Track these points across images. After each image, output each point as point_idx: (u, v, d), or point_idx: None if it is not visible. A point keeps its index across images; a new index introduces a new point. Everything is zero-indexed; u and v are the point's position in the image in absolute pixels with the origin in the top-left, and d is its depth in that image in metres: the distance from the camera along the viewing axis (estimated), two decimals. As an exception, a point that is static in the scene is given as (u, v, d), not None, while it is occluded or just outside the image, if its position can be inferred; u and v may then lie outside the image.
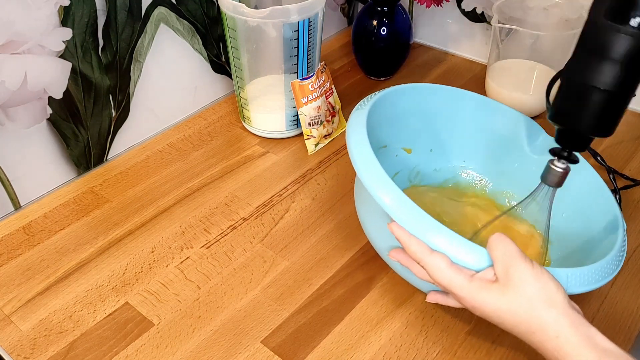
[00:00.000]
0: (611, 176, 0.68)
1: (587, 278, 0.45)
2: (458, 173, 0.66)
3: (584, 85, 0.42)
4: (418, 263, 0.45)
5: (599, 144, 0.73)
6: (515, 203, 0.54)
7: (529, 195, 0.51)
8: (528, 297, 0.41)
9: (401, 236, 0.45)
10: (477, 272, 0.44)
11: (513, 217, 0.55)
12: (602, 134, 0.44)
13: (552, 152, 0.47)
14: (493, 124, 0.62)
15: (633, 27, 0.38)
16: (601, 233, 0.52)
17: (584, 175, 0.56)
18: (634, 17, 0.38)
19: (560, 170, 0.46)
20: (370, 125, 0.52)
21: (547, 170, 0.47)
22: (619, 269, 0.48)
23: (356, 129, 0.51)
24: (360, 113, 0.53)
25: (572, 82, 0.43)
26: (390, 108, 0.59)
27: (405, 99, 0.60)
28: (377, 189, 0.46)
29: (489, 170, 0.65)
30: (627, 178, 0.69)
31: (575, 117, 0.43)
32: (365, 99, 0.57)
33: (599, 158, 0.69)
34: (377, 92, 0.57)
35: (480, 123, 0.63)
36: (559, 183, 0.47)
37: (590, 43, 0.41)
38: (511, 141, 0.61)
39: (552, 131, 0.48)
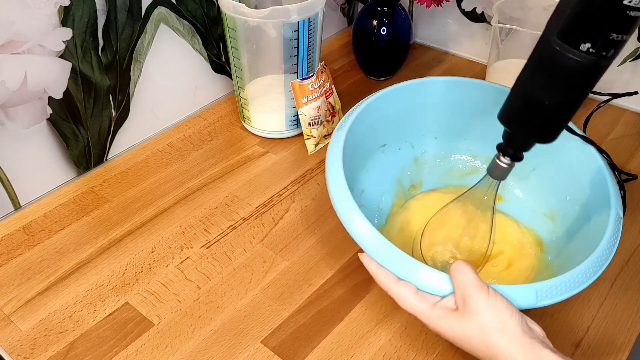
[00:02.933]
0: (615, 172, 0.68)
1: (559, 289, 0.46)
2: (456, 157, 0.67)
3: (531, 97, 0.43)
4: (387, 292, 0.47)
5: (601, 142, 0.73)
6: (461, 194, 0.56)
7: (474, 185, 0.53)
8: (482, 325, 0.42)
9: (370, 267, 0.48)
10: (442, 297, 0.46)
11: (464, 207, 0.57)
12: (544, 141, 0.46)
13: (498, 148, 0.48)
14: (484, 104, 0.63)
15: (582, 51, 0.39)
16: (598, 226, 0.52)
17: (592, 167, 0.56)
18: (584, 42, 0.39)
19: (505, 165, 0.48)
20: (360, 132, 0.56)
21: (493, 165, 0.49)
22: (597, 275, 0.48)
23: (333, 164, 0.53)
24: (336, 141, 0.55)
25: (521, 92, 0.44)
26: (379, 112, 0.61)
27: (388, 104, 0.62)
28: (349, 222, 0.50)
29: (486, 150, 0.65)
30: (627, 174, 0.69)
31: (520, 124, 0.45)
32: (346, 115, 0.59)
33: (604, 155, 0.70)
34: (356, 107, 0.59)
35: (473, 105, 0.63)
36: (503, 177, 0.50)
37: (541, 59, 0.42)
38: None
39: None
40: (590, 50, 0.39)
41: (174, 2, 0.72)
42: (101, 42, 0.66)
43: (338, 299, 0.57)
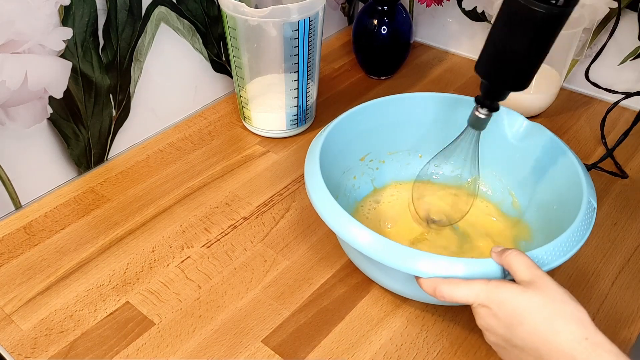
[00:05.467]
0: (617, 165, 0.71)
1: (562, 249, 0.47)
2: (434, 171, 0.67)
3: (502, 47, 0.47)
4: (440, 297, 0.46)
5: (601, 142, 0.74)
6: (440, 150, 0.59)
7: (456, 139, 0.56)
8: (553, 295, 0.41)
9: (428, 288, 0.47)
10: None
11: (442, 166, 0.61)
12: (517, 89, 0.49)
13: (476, 100, 0.52)
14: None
15: (542, 2, 0.42)
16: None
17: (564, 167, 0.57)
18: None
19: (483, 116, 0.52)
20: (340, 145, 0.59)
21: (473, 117, 0.53)
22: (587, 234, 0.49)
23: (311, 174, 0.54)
24: (314, 149, 0.57)
25: (492, 43, 0.48)
26: (358, 126, 0.63)
27: (362, 118, 0.62)
28: (345, 233, 0.49)
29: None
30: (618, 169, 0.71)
31: (494, 74, 0.49)
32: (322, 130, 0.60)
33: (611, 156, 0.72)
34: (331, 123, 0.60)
35: (451, 119, 0.64)
36: (482, 127, 0.53)
37: (510, 10, 0.45)
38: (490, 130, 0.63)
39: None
40: (552, 0, 0.42)
41: (175, 1, 0.72)
42: (102, 42, 0.66)
43: (339, 298, 0.57)
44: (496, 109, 0.52)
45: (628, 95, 0.73)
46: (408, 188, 0.64)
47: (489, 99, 0.51)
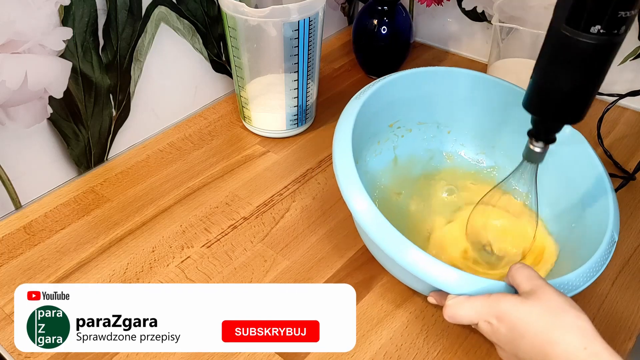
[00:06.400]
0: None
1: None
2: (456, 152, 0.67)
3: (551, 86, 0.44)
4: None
5: (603, 141, 0.74)
6: (500, 181, 0.56)
7: (513, 172, 0.53)
8: (552, 304, 0.41)
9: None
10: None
11: (505, 195, 0.57)
12: (572, 122, 0.47)
13: (529, 134, 0.49)
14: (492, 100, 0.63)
15: (593, 33, 0.40)
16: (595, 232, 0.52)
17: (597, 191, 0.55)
18: (594, 24, 0.40)
19: (539, 150, 0.49)
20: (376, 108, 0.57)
21: (527, 150, 0.50)
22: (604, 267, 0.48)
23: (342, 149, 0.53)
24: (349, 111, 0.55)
25: (540, 82, 0.46)
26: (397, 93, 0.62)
27: (398, 87, 0.62)
28: (349, 196, 0.49)
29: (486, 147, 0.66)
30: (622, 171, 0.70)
31: (544, 111, 0.46)
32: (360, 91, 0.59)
33: (608, 153, 0.72)
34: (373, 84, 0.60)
35: (485, 100, 0.63)
36: (539, 160, 0.51)
37: (554, 48, 0.43)
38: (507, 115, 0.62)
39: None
40: (601, 31, 0.40)
41: (175, 1, 0.72)
42: (102, 42, 0.66)
43: (339, 298, 0.56)
44: (552, 140, 0.49)
45: (621, 96, 0.73)
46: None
47: (544, 133, 0.48)
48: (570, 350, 0.39)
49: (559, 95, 0.44)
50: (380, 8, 0.83)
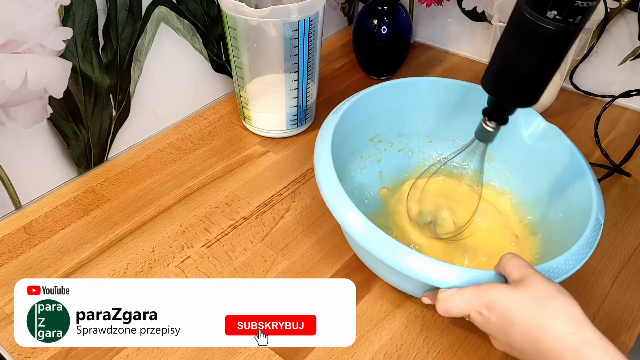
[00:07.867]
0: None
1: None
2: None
3: (509, 64, 0.45)
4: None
5: (601, 141, 0.73)
6: (448, 157, 0.58)
7: (462, 149, 0.55)
8: (540, 291, 0.41)
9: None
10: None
11: (454, 177, 0.60)
12: (524, 105, 0.48)
13: (483, 112, 0.50)
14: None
15: (549, 18, 0.41)
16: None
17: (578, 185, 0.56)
18: (551, 9, 0.41)
19: (491, 129, 0.50)
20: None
21: (480, 129, 0.51)
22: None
23: (322, 161, 0.54)
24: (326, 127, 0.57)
25: (499, 59, 0.47)
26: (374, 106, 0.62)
27: (375, 100, 0.62)
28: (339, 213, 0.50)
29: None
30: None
31: (500, 90, 0.48)
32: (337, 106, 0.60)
33: (604, 152, 0.72)
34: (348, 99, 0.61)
35: (465, 107, 0.64)
36: (490, 140, 0.52)
37: (515, 27, 0.44)
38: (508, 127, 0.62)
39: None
40: (557, 17, 0.41)
41: (175, 1, 0.72)
42: (101, 42, 0.66)
43: (339, 298, 0.57)
44: (505, 121, 0.50)
45: (613, 97, 0.73)
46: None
47: (497, 113, 0.50)
48: (559, 336, 0.39)
49: (514, 76, 0.46)
50: (380, 8, 0.83)
